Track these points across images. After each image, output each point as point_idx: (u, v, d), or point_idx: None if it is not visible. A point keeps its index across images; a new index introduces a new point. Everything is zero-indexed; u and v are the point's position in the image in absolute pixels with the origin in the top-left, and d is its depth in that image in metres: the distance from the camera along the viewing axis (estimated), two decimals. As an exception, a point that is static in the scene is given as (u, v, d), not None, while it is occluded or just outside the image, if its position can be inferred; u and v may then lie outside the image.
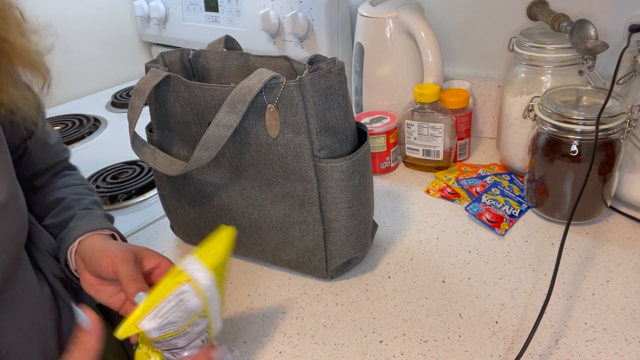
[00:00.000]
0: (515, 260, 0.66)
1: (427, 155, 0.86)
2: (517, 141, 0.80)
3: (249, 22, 1.11)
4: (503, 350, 0.54)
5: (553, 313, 0.57)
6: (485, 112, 0.95)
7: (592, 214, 0.70)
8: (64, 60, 1.23)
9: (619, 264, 0.63)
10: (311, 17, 0.99)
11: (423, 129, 0.84)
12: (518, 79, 0.79)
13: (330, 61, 0.56)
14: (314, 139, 0.56)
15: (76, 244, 0.55)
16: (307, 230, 0.62)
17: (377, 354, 0.55)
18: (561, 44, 0.73)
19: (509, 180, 0.81)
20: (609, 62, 0.79)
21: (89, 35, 1.32)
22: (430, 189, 0.82)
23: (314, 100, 0.55)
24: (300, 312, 0.61)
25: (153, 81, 0.59)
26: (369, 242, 0.66)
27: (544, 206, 0.72)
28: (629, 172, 0.71)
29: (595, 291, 0.60)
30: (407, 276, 0.65)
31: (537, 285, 0.61)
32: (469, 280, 0.63)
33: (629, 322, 0.55)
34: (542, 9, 0.80)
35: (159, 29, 1.32)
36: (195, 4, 1.21)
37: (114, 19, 1.37)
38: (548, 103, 0.67)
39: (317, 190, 0.59)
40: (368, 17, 0.89)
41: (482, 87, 0.93)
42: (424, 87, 0.84)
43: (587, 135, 0.65)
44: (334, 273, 0.65)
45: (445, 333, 0.56)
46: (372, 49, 0.90)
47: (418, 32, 0.85)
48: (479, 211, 0.74)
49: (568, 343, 0.54)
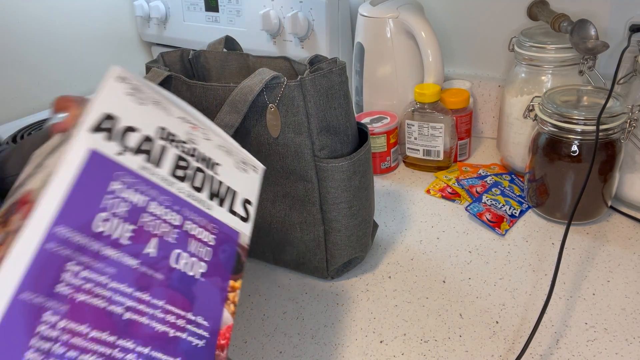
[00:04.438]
0: (515, 260, 0.66)
1: (427, 155, 0.86)
2: (517, 141, 0.80)
3: (249, 22, 1.11)
4: (503, 350, 0.54)
5: (553, 313, 0.57)
6: (486, 112, 0.95)
7: (593, 214, 0.70)
8: (64, 60, 1.23)
9: (620, 264, 0.63)
10: (311, 17, 0.99)
11: (423, 129, 0.84)
12: (518, 79, 0.79)
13: (331, 61, 0.56)
14: (314, 139, 0.56)
15: None
16: (308, 230, 0.62)
17: (377, 354, 0.55)
18: (561, 44, 0.73)
19: (509, 180, 0.81)
20: (610, 62, 0.79)
21: (89, 35, 1.32)
22: (430, 189, 0.82)
23: (315, 100, 0.55)
24: (300, 312, 0.61)
25: (155, 81, 0.59)
26: (370, 242, 0.66)
27: (545, 206, 0.72)
28: (629, 172, 0.71)
29: (596, 291, 0.60)
30: (408, 276, 0.65)
31: (538, 285, 0.61)
32: (470, 280, 0.63)
33: (629, 322, 0.56)
34: (543, 9, 0.80)
35: (159, 29, 1.32)
36: (196, 4, 1.21)
37: (114, 19, 1.36)
38: (548, 103, 0.67)
39: (317, 190, 0.59)
40: (368, 17, 0.89)
41: (482, 87, 0.93)
42: (424, 87, 0.84)
43: (587, 135, 0.65)
44: (334, 273, 0.65)
45: (445, 333, 0.56)
46: (373, 49, 0.90)
47: (418, 32, 0.85)
48: (480, 211, 0.74)
49: (569, 343, 0.54)
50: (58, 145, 0.38)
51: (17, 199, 0.33)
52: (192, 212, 0.38)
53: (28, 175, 0.37)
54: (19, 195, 0.34)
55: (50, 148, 0.40)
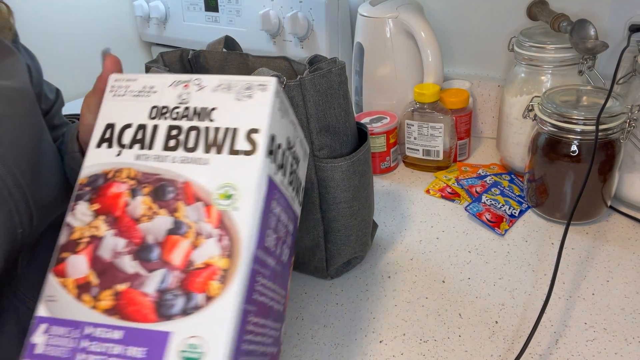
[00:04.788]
0: (515, 260, 0.66)
1: (427, 155, 0.86)
2: (517, 141, 0.80)
3: (249, 22, 1.11)
4: (503, 350, 0.54)
5: (553, 313, 0.57)
6: (485, 112, 0.95)
7: (592, 214, 0.70)
8: (64, 60, 1.23)
9: (619, 263, 0.63)
10: (311, 17, 0.99)
11: (423, 129, 0.84)
12: (518, 79, 0.79)
13: (330, 61, 0.56)
14: (314, 138, 0.56)
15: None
16: (307, 230, 0.62)
17: (377, 354, 0.55)
18: (561, 44, 0.73)
19: (509, 180, 0.81)
20: (609, 62, 0.79)
21: (88, 35, 1.32)
22: (430, 188, 0.82)
23: (314, 100, 0.55)
24: (300, 312, 0.61)
25: None
26: (369, 242, 0.66)
27: (544, 206, 0.72)
28: (629, 172, 0.71)
29: (595, 291, 0.60)
30: (407, 276, 0.65)
31: (537, 285, 0.61)
32: (469, 280, 0.63)
33: (629, 322, 0.56)
34: (542, 9, 0.80)
35: (159, 29, 1.32)
36: (195, 4, 1.21)
37: (114, 19, 1.36)
38: (548, 103, 0.67)
39: (317, 190, 0.59)
40: (368, 17, 0.89)
41: (482, 87, 0.93)
42: (424, 87, 0.84)
43: (587, 135, 0.65)
44: (334, 273, 0.65)
45: (445, 333, 0.56)
46: (372, 49, 0.90)
47: (418, 32, 0.85)
48: (479, 211, 0.74)
49: (568, 343, 0.54)
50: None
51: (178, 186, 0.37)
52: (290, 213, 0.44)
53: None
54: (176, 182, 0.37)
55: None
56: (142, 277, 0.34)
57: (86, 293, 0.34)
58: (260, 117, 0.38)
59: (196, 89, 0.40)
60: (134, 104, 0.40)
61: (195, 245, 0.34)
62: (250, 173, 0.36)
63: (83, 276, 0.35)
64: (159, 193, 0.36)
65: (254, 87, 0.39)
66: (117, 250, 0.35)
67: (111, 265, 0.35)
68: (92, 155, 0.38)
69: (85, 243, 0.35)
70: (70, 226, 0.36)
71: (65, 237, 0.36)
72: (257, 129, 0.38)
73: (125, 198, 0.37)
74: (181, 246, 0.35)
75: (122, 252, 0.35)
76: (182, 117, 0.39)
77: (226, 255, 0.34)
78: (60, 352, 0.33)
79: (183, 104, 0.39)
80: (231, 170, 0.36)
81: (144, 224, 0.35)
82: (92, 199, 0.37)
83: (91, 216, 0.36)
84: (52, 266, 0.35)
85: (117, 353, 0.32)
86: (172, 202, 0.36)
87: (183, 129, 0.38)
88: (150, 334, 0.32)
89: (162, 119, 0.39)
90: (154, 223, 0.35)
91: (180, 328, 0.32)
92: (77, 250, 0.35)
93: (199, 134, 0.38)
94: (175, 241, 0.35)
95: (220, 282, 0.33)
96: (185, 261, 0.34)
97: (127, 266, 0.34)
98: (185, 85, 0.40)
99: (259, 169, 0.36)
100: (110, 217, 0.36)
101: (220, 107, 0.39)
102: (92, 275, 0.34)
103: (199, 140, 0.38)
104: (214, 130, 0.38)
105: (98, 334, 0.33)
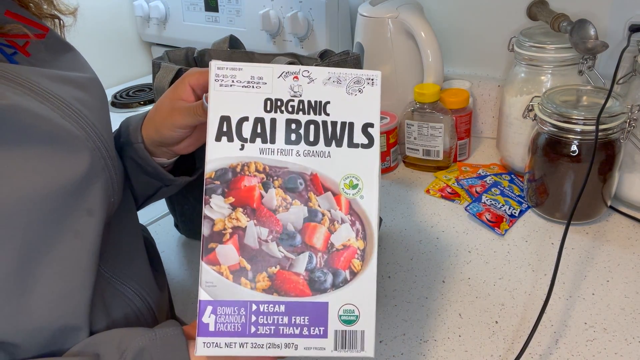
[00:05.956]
0: (515, 260, 0.66)
1: (427, 155, 0.86)
2: (517, 141, 0.80)
3: (249, 22, 1.11)
4: (503, 350, 0.54)
5: (553, 313, 0.57)
6: (485, 112, 0.95)
7: (592, 214, 0.70)
8: (64, 60, 1.23)
9: (619, 263, 0.63)
10: (311, 17, 1.00)
11: (423, 129, 0.84)
12: (518, 79, 0.79)
13: (343, 53, 0.56)
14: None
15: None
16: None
17: (376, 353, 0.55)
18: (561, 44, 0.73)
19: (509, 180, 0.81)
20: (609, 62, 0.79)
21: (88, 35, 1.32)
22: (430, 188, 0.82)
23: None
24: (300, 312, 0.61)
25: (168, 76, 0.60)
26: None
27: (544, 206, 0.72)
28: (629, 172, 0.71)
29: (595, 291, 0.60)
30: (407, 276, 0.65)
31: (537, 285, 0.61)
32: (469, 280, 0.63)
33: (629, 322, 0.56)
34: (542, 9, 0.80)
35: (158, 29, 1.32)
36: (195, 4, 1.21)
37: (114, 19, 1.36)
38: (548, 103, 0.67)
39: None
40: (368, 17, 0.89)
41: (482, 87, 0.93)
42: (424, 87, 0.84)
43: (587, 135, 0.65)
44: (334, 273, 0.65)
45: (445, 333, 0.56)
46: (372, 49, 0.90)
47: (418, 32, 0.85)
48: (479, 211, 0.74)
49: (568, 343, 0.54)
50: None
51: (306, 178, 0.40)
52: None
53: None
54: (304, 175, 0.40)
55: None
56: (290, 259, 0.39)
57: (243, 277, 0.39)
58: (373, 112, 0.42)
59: (307, 81, 0.41)
60: (245, 95, 0.41)
61: (332, 231, 0.39)
62: (371, 164, 0.40)
63: (234, 263, 0.39)
64: (289, 185, 0.40)
65: (363, 80, 0.42)
66: (262, 239, 0.39)
67: (260, 251, 0.39)
68: (214, 148, 0.40)
69: (229, 234, 0.39)
70: (210, 219, 0.39)
71: (208, 229, 0.39)
72: (372, 124, 0.41)
73: (259, 191, 0.40)
74: (320, 231, 0.39)
75: (266, 239, 0.39)
76: (298, 111, 0.41)
77: (360, 237, 0.40)
78: (233, 327, 0.38)
79: (296, 97, 0.41)
80: (352, 161, 0.40)
81: (282, 214, 0.40)
82: (225, 192, 0.40)
83: (229, 209, 0.39)
84: (203, 256, 0.39)
85: (285, 323, 0.38)
86: (303, 192, 0.40)
87: (302, 122, 0.41)
88: (310, 305, 0.38)
89: (278, 112, 0.41)
90: (290, 212, 0.40)
91: (334, 299, 0.39)
92: (223, 240, 0.39)
93: (317, 128, 0.41)
94: (314, 227, 0.40)
95: (360, 260, 0.39)
96: (326, 244, 0.39)
97: (275, 251, 0.39)
98: (295, 77, 0.42)
99: (377, 159, 0.41)
100: (248, 209, 0.40)
101: (333, 101, 0.41)
102: (243, 261, 0.39)
103: (319, 134, 0.41)
104: (332, 124, 0.41)
105: (264, 309, 0.38)
